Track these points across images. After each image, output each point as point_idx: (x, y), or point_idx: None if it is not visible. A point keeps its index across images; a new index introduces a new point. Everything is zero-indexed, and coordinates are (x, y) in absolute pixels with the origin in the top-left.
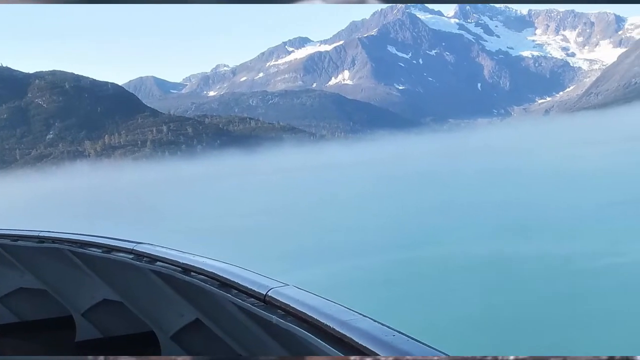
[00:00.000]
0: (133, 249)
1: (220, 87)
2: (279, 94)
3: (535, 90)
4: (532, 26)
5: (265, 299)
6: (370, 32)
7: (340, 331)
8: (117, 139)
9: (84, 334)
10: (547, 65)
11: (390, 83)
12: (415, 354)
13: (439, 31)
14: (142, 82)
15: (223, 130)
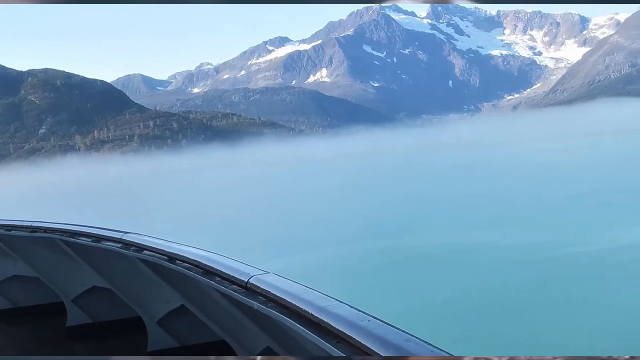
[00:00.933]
0: (121, 238)
1: (204, 85)
2: (260, 91)
3: (504, 87)
4: (500, 26)
5: (247, 286)
6: (346, 32)
7: (318, 316)
8: (105, 134)
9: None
10: (515, 63)
11: (365, 80)
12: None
13: (412, 31)
14: (129, 79)
15: (207, 126)
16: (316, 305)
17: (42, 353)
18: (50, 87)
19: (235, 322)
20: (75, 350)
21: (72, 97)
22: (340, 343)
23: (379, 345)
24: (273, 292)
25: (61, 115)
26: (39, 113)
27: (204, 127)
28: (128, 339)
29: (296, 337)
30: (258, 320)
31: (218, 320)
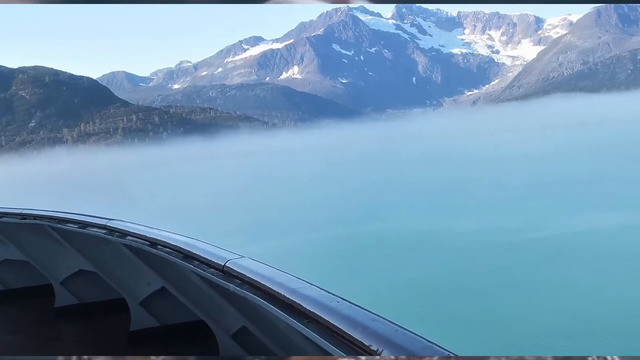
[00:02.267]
0: (106, 224)
1: (183, 81)
2: (235, 87)
3: (464, 84)
4: (461, 26)
5: (223, 269)
6: (317, 31)
7: (290, 298)
8: (91, 127)
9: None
10: (474, 61)
11: (334, 77)
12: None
13: (378, 31)
14: (114, 76)
15: (186, 119)
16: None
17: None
18: (40, 83)
19: (213, 303)
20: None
21: (60, 92)
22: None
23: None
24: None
25: (50, 109)
26: (29, 108)
27: (183, 121)
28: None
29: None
30: (234, 302)
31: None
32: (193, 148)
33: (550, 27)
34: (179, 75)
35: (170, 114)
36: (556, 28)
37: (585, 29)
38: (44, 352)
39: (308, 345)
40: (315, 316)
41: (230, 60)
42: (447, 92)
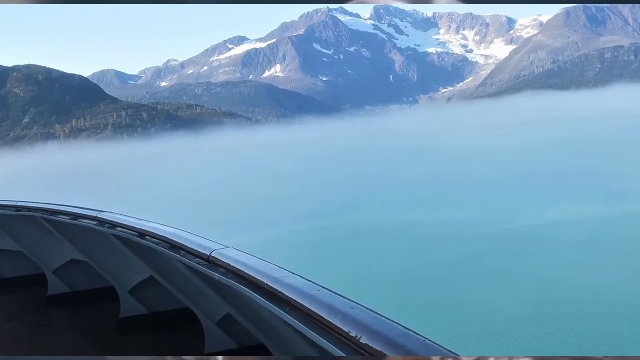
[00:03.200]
0: (96, 216)
1: (170, 79)
2: (220, 85)
3: (439, 81)
4: (436, 26)
5: (209, 258)
6: (298, 31)
7: (273, 286)
8: (82, 123)
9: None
10: (449, 59)
11: (315, 75)
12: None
13: (356, 31)
14: (104, 74)
15: (173, 115)
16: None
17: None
18: (33, 81)
19: (199, 292)
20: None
21: (53, 90)
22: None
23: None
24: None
25: (43, 106)
26: (23, 104)
27: (170, 117)
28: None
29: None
30: (219, 290)
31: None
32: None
33: (522, 27)
34: (166, 73)
35: (158, 110)
36: (527, 28)
37: (555, 29)
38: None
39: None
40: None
41: (215, 59)
42: (422, 89)
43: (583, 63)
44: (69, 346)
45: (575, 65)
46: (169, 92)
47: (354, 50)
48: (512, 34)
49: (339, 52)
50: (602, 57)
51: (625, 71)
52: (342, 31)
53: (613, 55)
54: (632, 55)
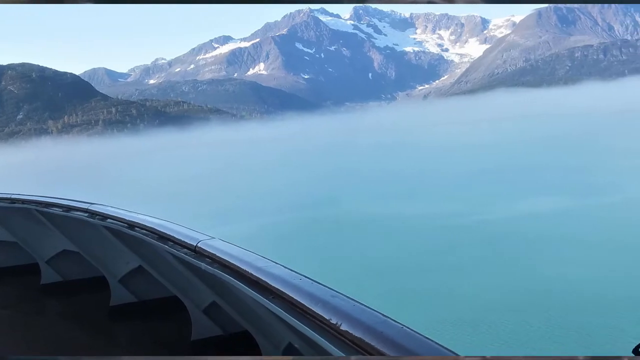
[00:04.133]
0: (88, 208)
1: (158, 77)
2: (206, 82)
3: (416, 79)
4: (413, 27)
5: (195, 249)
6: (281, 31)
7: (257, 275)
8: (74, 119)
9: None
10: (425, 58)
11: (297, 73)
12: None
13: (337, 31)
14: (94, 72)
15: (161, 112)
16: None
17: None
18: (27, 79)
19: (186, 281)
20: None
21: (46, 87)
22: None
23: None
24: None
25: (36, 103)
26: (17, 101)
27: (158, 113)
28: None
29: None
30: (205, 279)
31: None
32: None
33: (495, 27)
34: (155, 71)
35: (147, 107)
36: (500, 28)
37: (527, 29)
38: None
39: (273, 319)
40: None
41: (201, 58)
42: (400, 87)
43: (554, 62)
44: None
45: (547, 64)
46: (157, 89)
47: (334, 49)
48: (486, 33)
49: (320, 51)
50: (573, 56)
51: (594, 69)
52: (323, 31)
53: (583, 54)
54: (601, 54)
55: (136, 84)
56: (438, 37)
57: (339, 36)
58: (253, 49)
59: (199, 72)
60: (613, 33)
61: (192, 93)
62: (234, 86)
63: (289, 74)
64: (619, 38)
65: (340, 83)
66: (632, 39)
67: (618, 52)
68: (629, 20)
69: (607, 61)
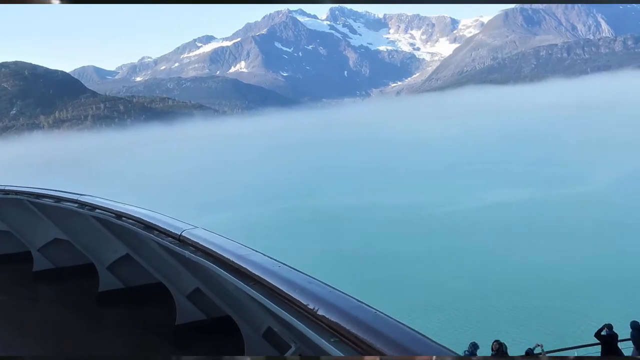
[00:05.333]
0: (77, 199)
1: (145, 74)
2: (190, 80)
3: (389, 77)
4: (386, 27)
5: (180, 238)
6: (261, 31)
7: (238, 263)
8: (65, 115)
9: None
10: (398, 57)
11: (276, 71)
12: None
13: (314, 31)
14: (84, 70)
15: (147, 108)
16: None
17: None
18: (20, 76)
19: (171, 268)
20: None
21: (38, 84)
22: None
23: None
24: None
25: (29, 99)
26: (11, 98)
27: (145, 109)
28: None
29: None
30: (189, 266)
31: (156, 266)
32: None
33: (464, 27)
34: (141, 69)
35: (134, 103)
36: (469, 28)
37: (495, 29)
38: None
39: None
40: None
41: (185, 56)
42: (374, 83)
43: (520, 60)
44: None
45: (513, 62)
46: (143, 86)
47: (311, 48)
48: (456, 33)
49: (298, 50)
50: (538, 54)
51: (558, 67)
52: (301, 31)
53: (547, 53)
54: (565, 53)
55: (123, 81)
56: (410, 37)
57: (316, 36)
58: (234, 48)
59: (183, 70)
60: (576, 33)
61: (177, 90)
62: (217, 83)
63: (268, 71)
64: (582, 38)
65: (317, 80)
66: (594, 38)
67: (581, 51)
68: (591, 20)
69: (571, 59)
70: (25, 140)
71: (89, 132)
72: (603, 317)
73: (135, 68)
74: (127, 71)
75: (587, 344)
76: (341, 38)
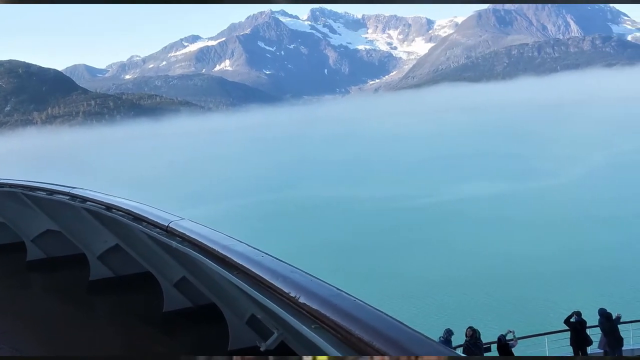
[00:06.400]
0: (69, 192)
1: (134, 72)
2: (177, 77)
3: (368, 74)
4: (365, 27)
5: (167, 229)
6: (245, 31)
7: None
8: (57, 111)
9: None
10: (376, 55)
11: (260, 69)
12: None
13: (296, 30)
14: (75, 68)
15: (136, 104)
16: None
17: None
18: (14, 74)
19: (158, 258)
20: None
21: (31, 82)
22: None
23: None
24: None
25: (23, 96)
26: (5, 95)
27: (133, 105)
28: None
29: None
30: (176, 256)
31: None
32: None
33: (439, 27)
34: (130, 67)
35: (123, 100)
36: (444, 28)
37: (469, 29)
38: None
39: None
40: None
41: (172, 55)
42: (353, 81)
43: (493, 59)
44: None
45: (486, 61)
46: (132, 84)
47: (293, 47)
48: (431, 33)
49: (280, 49)
50: (510, 53)
51: (529, 66)
52: (283, 31)
53: (519, 52)
54: (536, 52)
55: (113, 79)
56: (387, 37)
57: (298, 35)
58: (219, 47)
59: (170, 68)
60: (547, 33)
61: (164, 87)
62: (202, 81)
63: (252, 69)
64: (552, 37)
65: (299, 78)
66: (563, 38)
67: (551, 50)
68: (561, 20)
69: (541, 58)
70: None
71: (80, 127)
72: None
73: (125, 66)
74: (117, 69)
75: (557, 331)
76: (321, 38)
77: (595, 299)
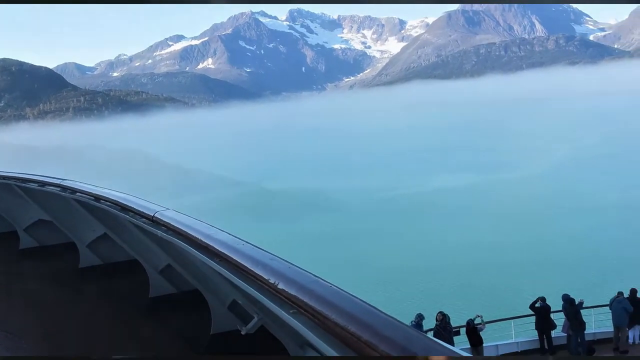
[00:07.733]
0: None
1: (121, 70)
2: (162, 75)
3: (343, 72)
4: (340, 27)
5: (153, 218)
6: (226, 31)
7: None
8: (48, 107)
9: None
10: (351, 54)
11: (241, 67)
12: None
13: (275, 30)
14: (66, 66)
15: (123, 101)
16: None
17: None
18: (7, 72)
19: (144, 246)
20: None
21: (24, 79)
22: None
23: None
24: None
25: (15, 93)
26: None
27: (121, 101)
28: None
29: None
30: (161, 244)
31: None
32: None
33: (411, 27)
34: (118, 65)
35: (111, 96)
36: (416, 28)
37: (439, 29)
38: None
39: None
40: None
41: (158, 54)
42: (329, 78)
43: (462, 57)
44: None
45: (456, 59)
46: (119, 81)
47: (272, 46)
48: (403, 33)
49: (260, 48)
50: (478, 52)
51: (496, 64)
52: (262, 31)
53: (487, 51)
54: (503, 51)
55: (102, 76)
56: (362, 36)
57: (277, 35)
58: (202, 46)
59: (155, 66)
60: (513, 32)
61: (150, 84)
62: (186, 78)
63: (233, 67)
64: (518, 37)
65: (278, 76)
66: (529, 37)
67: (517, 49)
68: (526, 21)
69: (508, 57)
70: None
71: (70, 123)
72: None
73: (113, 64)
74: (105, 67)
75: (523, 315)
76: (299, 37)
77: (559, 285)
